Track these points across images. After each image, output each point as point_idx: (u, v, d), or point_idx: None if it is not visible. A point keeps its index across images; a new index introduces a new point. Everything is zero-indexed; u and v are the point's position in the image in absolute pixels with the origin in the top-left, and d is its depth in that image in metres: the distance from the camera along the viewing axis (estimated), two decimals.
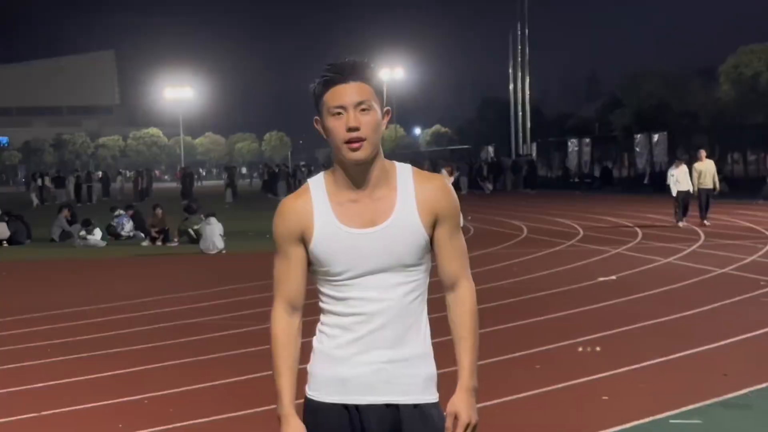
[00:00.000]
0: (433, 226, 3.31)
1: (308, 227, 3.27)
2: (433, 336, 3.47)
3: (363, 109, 3.17)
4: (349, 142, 3.16)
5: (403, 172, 3.33)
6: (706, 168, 26.61)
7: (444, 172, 31.15)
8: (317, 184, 3.34)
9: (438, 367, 3.48)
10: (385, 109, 3.27)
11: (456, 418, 3.35)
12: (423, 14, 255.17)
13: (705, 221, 26.06)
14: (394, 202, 3.26)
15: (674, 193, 26.52)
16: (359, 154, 3.17)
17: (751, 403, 7.87)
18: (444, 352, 3.53)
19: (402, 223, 3.24)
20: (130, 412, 8.11)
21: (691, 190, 26.38)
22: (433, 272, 3.38)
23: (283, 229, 3.33)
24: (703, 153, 27.21)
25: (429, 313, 3.45)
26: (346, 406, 3.27)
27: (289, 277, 3.36)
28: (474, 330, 3.49)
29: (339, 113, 3.18)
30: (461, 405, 3.38)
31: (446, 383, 3.50)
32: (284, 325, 3.38)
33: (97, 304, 14.44)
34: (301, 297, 3.40)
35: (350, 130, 3.16)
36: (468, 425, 3.35)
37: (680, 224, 26.03)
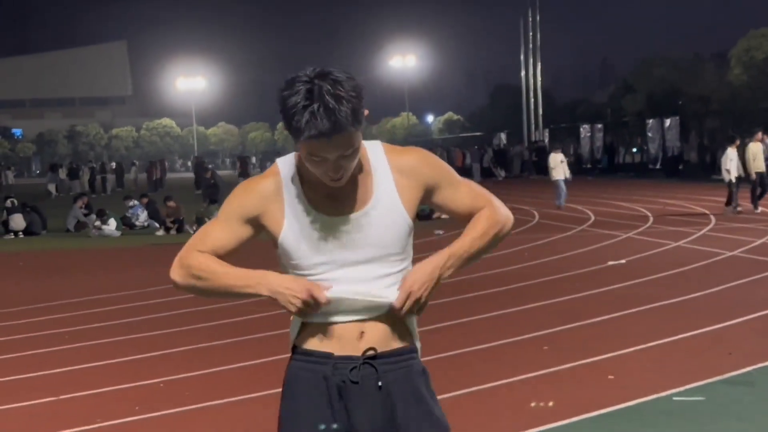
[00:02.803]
0: (422, 201, 3.10)
1: (274, 215, 3.04)
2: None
3: (345, 156, 2.89)
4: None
5: (374, 151, 3.09)
6: (759, 150, 25.00)
7: (554, 154, 30.92)
8: (289, 167, 3.08)
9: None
10: (365, 113, 2.92)
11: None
12: (434, 2, 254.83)
13: (757, 209, 24.66)
14: (370, 185, 3.04)
15: (732, 178, 24.40)
16: (338, 184, 2.96)
17: (754, 381, 8.01)
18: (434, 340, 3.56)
19: (382, 207, 3.02)
20: (146, 395, 8.29)
21: (742, 174, 24.73)
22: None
23: (239, 205, 3.08)
24: (759, 134, 25.55)
25: None
26: (328, 355, 3.05)
27: (221, 239, 3.09)
28: (484, 229, 3.08)
29: (319, 161, 2.89)
30: (417, 269, 3.02)
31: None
32: (205, 256, 3.08)
33: (112, 293, 14.64)
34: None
35: (332, 178, 2.93)
36: (410, 294, 2.98)
37: (736, 210, 24.41)
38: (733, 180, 24.62)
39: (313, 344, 3.09)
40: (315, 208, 3.00)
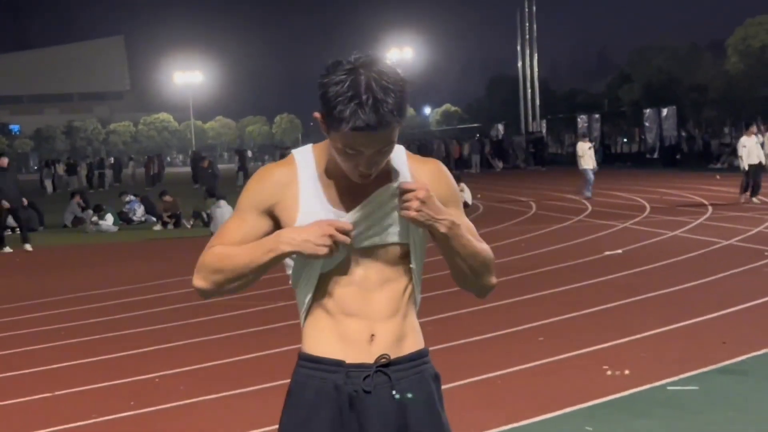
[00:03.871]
0: None
1: (287, 205, 2.89)
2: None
3: (382, 151, 2.77)
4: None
5: (397, 155, 2.93)
6: None
7: (581, 143, 30.73)
8: (305, 159, 2.95)
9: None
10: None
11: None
12: None
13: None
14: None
15: (745, 167, 24.10)
16: (366, 181, 2.83)
17: (748, 369, 8.01)
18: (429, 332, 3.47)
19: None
20: (141, 390, 8.28)
21: (763, 162, 24.50)
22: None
23: (253, 196, 2.93)
24: None
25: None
26: (339, 363, 2.91)
27: (239, 233, 2.92)
28: (483, 245, 2.99)
29: (354, 154, 2.75)
30: (434, 199, 2.81)
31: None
32: (217, 248, 2.92)
33: (108, 288, 14.64)
34: None
35: (362, 174, 2.80)
36: (416, 193, 2.75)
37: (743, 198, 24.20)
38: (746, 168, 24.31)
39: (322, 350, 2.92)
40: (330, 202, 2.87)
